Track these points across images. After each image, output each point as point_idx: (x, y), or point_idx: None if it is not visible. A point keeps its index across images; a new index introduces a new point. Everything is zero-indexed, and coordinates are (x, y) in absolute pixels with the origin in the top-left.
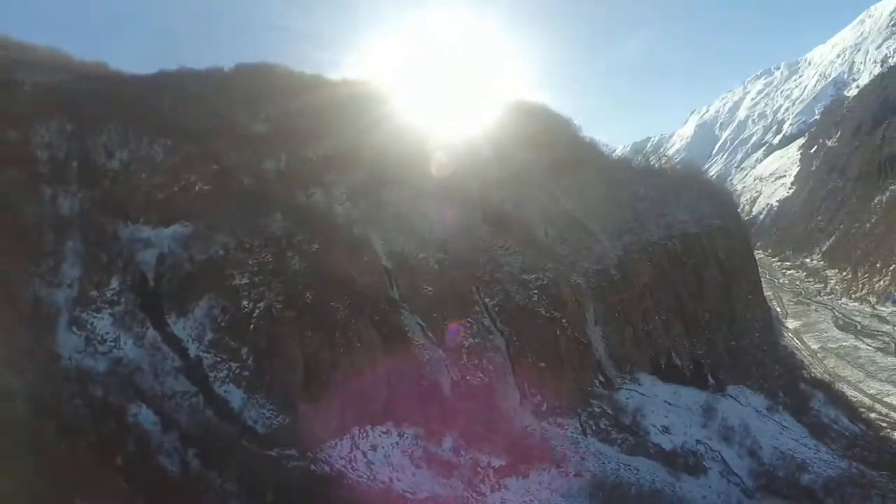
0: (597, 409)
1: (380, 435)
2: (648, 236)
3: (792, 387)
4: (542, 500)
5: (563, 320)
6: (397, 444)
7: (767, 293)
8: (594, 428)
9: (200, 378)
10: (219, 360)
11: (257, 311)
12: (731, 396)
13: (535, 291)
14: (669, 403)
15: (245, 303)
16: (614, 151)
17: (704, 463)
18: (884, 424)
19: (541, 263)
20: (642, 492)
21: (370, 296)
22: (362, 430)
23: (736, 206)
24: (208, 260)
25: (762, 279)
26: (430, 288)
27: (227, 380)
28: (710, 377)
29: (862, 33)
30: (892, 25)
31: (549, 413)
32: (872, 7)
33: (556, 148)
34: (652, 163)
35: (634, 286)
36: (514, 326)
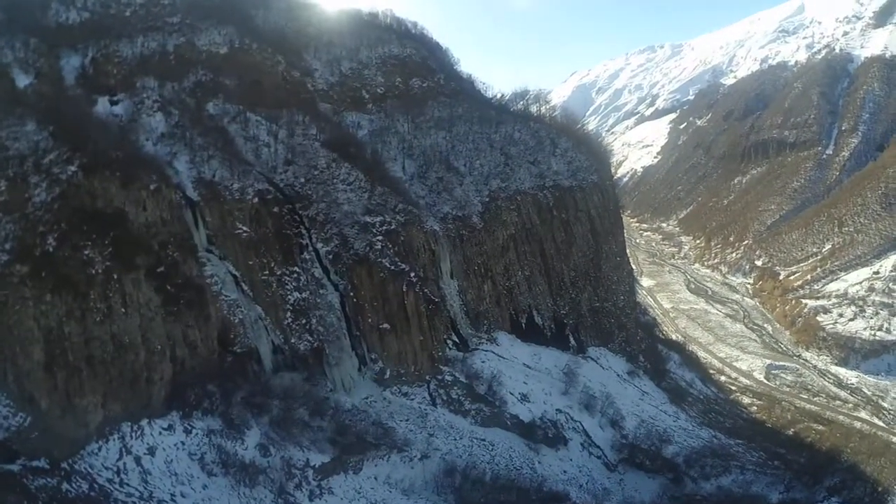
0: (448, 378)
1: (160, 433)
2: (519, 184)
3: (651, 350)
4: (379, 501)
5: (412, 273)
6: (183, 444)
7: None
8: (445, 398)
9: None
10: None
11: None
12: (593, 359)
13: (380, 238)
14: (529, 367)
15: None
16: (493, 93)
17: (565, 434)
18: (733, 388)
19: (390, 203)
20: (498, 474)
21: (150, 239)
22: (136, 428)
23: (610, 164)
24: None
25: None
26: (245, 228)
27: None
28: (571, 338)
29: (749, 32)
30: (779, 31)
31: (392, 381)
32: (764, 11)
33: (428, 75)
34: (531, 109)
35: (498, 237)
36: (352, 279)
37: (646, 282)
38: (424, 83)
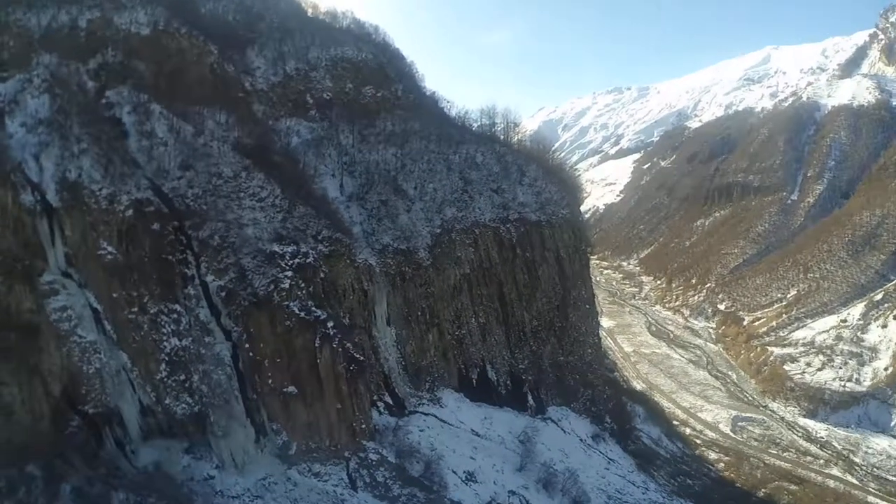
0: (373, 456)
1: None
2: (478, 215)
3: (618, 407)
4: None
5: (330, 323)
6: None
7: None
8: (368, 480)
9: None
10: None
11: None
12: (554, 421)
13: (290, 273)
14: (478, 435)
15: None
16: (457, 111)
17: None
18: (699, 442)
19: (312, 229)
20: None
21: None
22: None
23: (581, 199)
24: None
25: None
26: (111, 248)
27: None
28: (530, 397)
29: (714, 79)
30: (743, 79)
31: (300, 458)
32: (730, 60)
33: (384, 84)
34: (498, 131)
35: (449, 277)
36: (248, 326)
37: (606, 322)
38: (379, 92)
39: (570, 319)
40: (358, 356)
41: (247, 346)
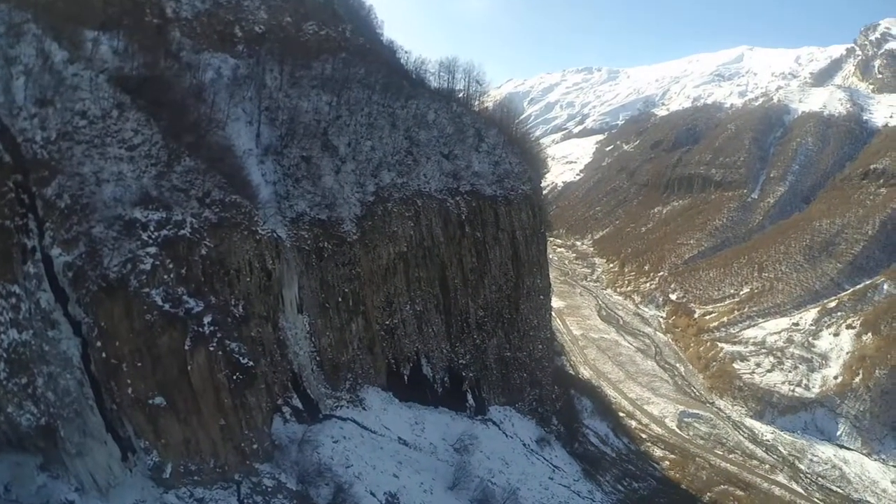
0: (268, 481)
1: None
2: (422, 183)
3: (567, 406)
4: None
5: (207, 318)
6: None
7: None
8: None
9: None
10: None
11: None
12: (495, 423)
13: (153, 249)
14: (406, 444)
15: None
16: (413, 60)
17: None
18: (644, 437)
19: (198, 188)
20: None
21: None
22: None
23: (544, 175)
24: None
25: None
26: None
27: None
28: (470, 395)
29: (686, 70)
30: (714, 74)
31: (178, 481)
32: (703, 54)
33: (330, 22)
34: (460, 86)
35: (381, 256)
36: (101, 318)
37: (556, 303)
38: (322, 31)
39: (522, 311)
40: (245, 361)
41: (98, 343)
